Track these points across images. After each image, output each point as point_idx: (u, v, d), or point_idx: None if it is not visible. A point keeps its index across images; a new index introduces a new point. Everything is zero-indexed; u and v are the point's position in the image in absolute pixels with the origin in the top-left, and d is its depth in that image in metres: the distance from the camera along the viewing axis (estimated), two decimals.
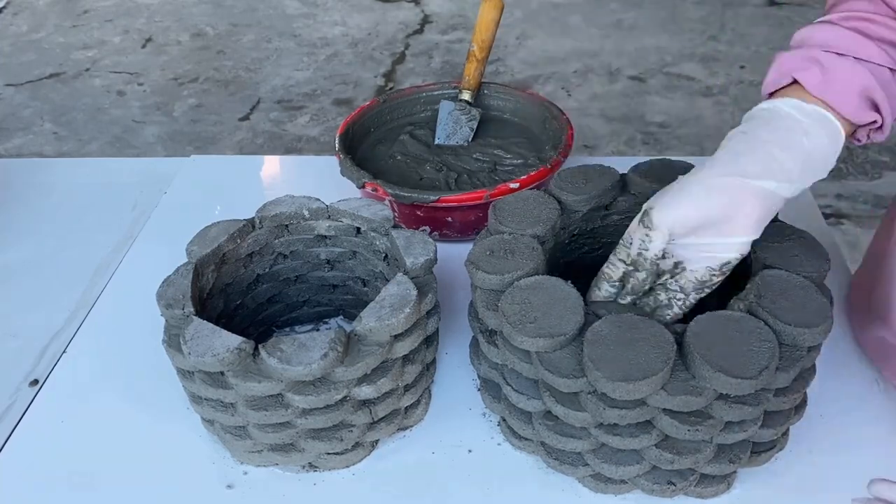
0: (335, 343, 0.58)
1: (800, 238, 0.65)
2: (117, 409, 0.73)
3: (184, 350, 0.59)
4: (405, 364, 0.65)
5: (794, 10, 3.29)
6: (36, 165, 1.23)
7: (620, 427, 0.58)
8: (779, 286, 0.59)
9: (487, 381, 0.69)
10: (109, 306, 0.87)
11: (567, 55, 2.99)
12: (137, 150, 2.58)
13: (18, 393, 0.76)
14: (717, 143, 0.60)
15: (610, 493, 0.64)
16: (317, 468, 0.67)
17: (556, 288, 0.61)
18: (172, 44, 3.24)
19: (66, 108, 2.81)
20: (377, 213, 0.73)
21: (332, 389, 0.60)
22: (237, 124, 2.69)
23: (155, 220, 1.00)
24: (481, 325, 0.66)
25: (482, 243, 0.66)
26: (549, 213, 0.69)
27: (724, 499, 0.64)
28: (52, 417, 0.73)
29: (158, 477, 0.67)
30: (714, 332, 0.56)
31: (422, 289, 0.64)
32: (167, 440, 0.70)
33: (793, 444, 0.66)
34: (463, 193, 0.86)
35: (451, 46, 3.11)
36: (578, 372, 0.56)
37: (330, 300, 0.81)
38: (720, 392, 0.55)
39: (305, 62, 3.06)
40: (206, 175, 1.09)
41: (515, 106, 1.06)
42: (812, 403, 0.65)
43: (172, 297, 0.63)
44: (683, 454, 0.58)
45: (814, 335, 0.56)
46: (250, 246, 0.73)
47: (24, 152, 2.57)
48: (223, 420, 0.63)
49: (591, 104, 2.71)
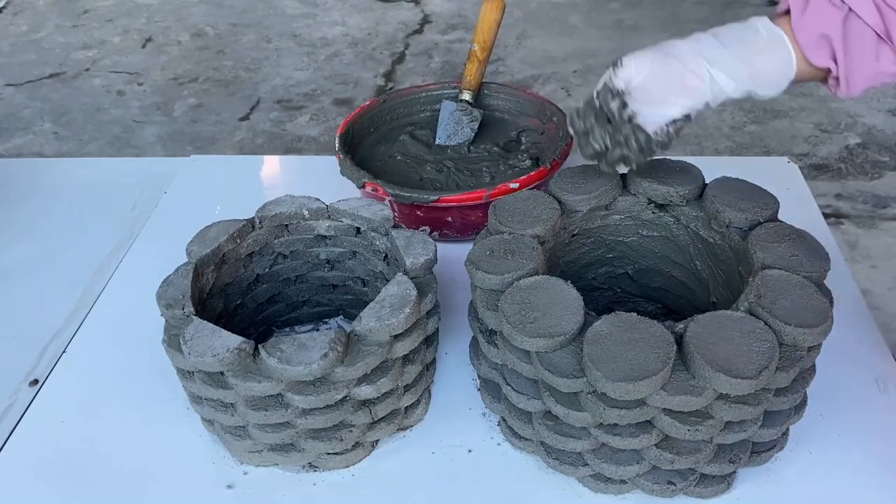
0: (335, 343, 0.58)
1: (800, 238, 0.65)
2: (117, 409, 0.73)
3: (184, 350, 0.59)
4: (405, 364, 0.65)
5: None
6: (36, 165, 1.23)
7: (620, 427, 0.58)
8: (779, 286, 0.59)
9: (487, 381, 0.69)
10: (109, 306, 0.87)
11: (567, 55, 2.99)
12: (137, 150, 2.58)
13: (18, 393, 0.76)
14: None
15: (610, 493, 0.64)
16: (317, 468, 0.67)
17: (556, 288, 0.61)
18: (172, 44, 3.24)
19: (66, 108, 2.81)
20: (377, 213, 0.73)
21: (332, 389, 0.60)
22: (237, 124, 2.69)
23: (155, 220, 1.00)
24: (481, 325, 0.66)
25: (482, 243, 0.66)
26: (549, 213, 0.69)
27: (724, 499, 0.64)
28: (52, 417, 0.73)
29: (158, 477, 0.67)
30: (714, 332, 0.56)
31: (422, 289, 0.64)
32: (167, 440, 0.70)
33: (793, 444, 0.66)
34: (463, 193, 0.86)
35: (451, 46, 3.11)
36: (578, 372, 0.56)
37: (330, 300, 0.81)
38: (720, 392, 0.55)
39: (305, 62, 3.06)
40: (206, 175, 1.10)
41: (515, 106, 1.06)
42: (812, 403, 0.65)
43: (172, 297, 0.63)
44: (683, 454, 0.58)
45: (814, 335, 0.56)
46: (250, 246, 0.73)
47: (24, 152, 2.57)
48: (223, 420, 0.63)
49: None
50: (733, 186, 0.70)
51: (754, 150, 2.40)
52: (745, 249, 0.66)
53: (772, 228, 0.66)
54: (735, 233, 0.68)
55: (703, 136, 2.49)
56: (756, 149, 2.41)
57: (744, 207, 0.67)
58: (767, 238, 0.64)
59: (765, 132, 2.50)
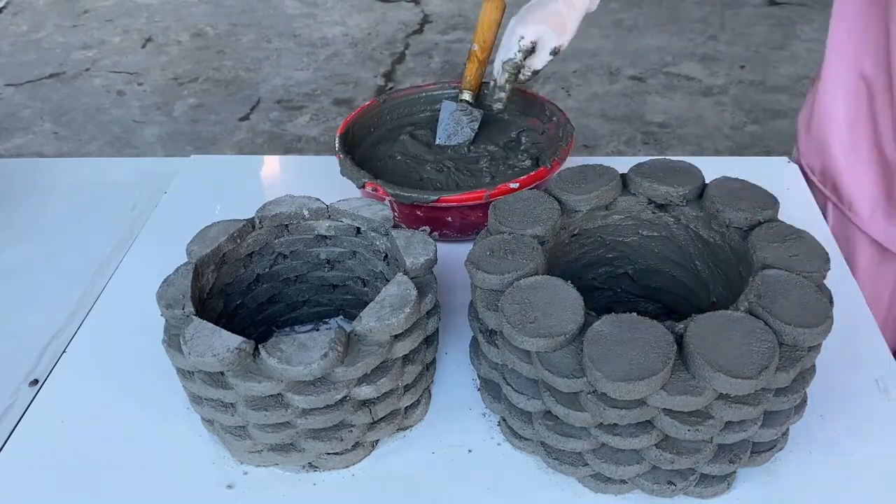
0: (335, 343, 0.58)
1: (800, 238, 0.65)
2: (117, 409, 0.73)
3: (184, 350, 0.59)
4: (405, 364, 0.65)
5: (794, 10, 3.30)
6: (36, 165, 1.23)
7: (620, 427, 0.58)
8: (779, 286, 0.59)
9: (487, 381, 0.69)
10: (109, 306, 0.87)
11: (567, 55, 2.98)
12: (137, 150, 2.58)
13: (18, 393, 0.76)
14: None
15: (610, 493, 0.64)
16: (317, 468, 0.67)
17: (556, 288, 0.61)
18: (172, 44, 3.25)
19: (66, 108, 2.81)
20: (377, 213, 0.73)
21: (332, 389, 0.60)
22: (237, 124, 2.70)
23: (155, 220, 1.00)
24: (481, 325, 0.66)
25: (482, 243, 0.66)
26: (549, 213, 0.69)
27: (724, 499, 0.64)
28: (52, 417, 0.73)
29: (158, 477, 0.67)
30: (714, 332, 0.56)
31: (422, 289, 0.64)
32: (167, 440, 0.70)
33: (793, 444, 0.66)
34: (463, 193, 0.86)
35: (451, 46, 3.11)
36: (578, 372, 0.56)
37: (330, 300, 0.81)
38: (720, 392, 0.55)
39: (305, 62, 3.07)
40: (206, 175, 1.10)
41: (515, 106, 1.06)
42: (812, 403, 0.65)
43: (172, 297, 0.63)
44: (683, 454, 0.58)
45: (814, 335, 0.56)
46: (250, 246, 0.73)
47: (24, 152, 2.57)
48: (223, 420, 0.63)
49: (591, 104, 2.71)
50: (733, 186, 0.70)
51: (754, 150, 2.40)
52: (745, 249, 0.66)
53: (772, 228, 0.66)
54: (735, 233, 0.68)
55: (703, 136, 2.49)
56: (756, 149, 2.41)
57: (744, 207, 0.67)
58: (767, 238, 0.64)
59: (765, 132, 2.50)
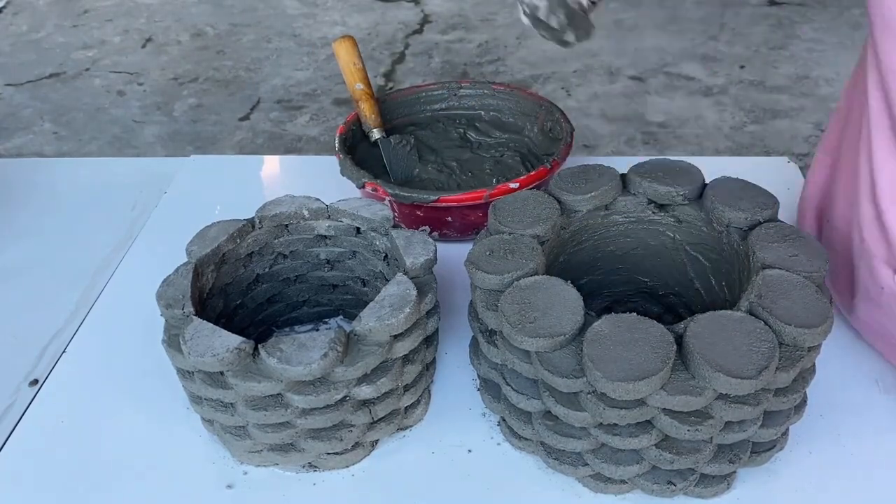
0: (335, 343, 0.58)
1: (800, 238, 0.65)
2: (117, 409, 0.73)
3: (184, 350, 0.59)
4: (405, 364, 0.65)
5: (794, 10, 3.30)
6: (36, 165, 1.23)
7: (620, 427, 0.58)
8: (779, 286, 0.59)
9: (487, 381, 0.69)
10: (109, 306, 0.87)
11: (567, 55, 2.99)
12: (137, 150, 2.58)
13: (18, 393, 0.76)
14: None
15: (610, 493, 0.64)
16: (317, 468, 0.67)
17: (555, 288, 0.61)
18: (172, 44, 3.25)
19: (66, 108, 2.81)
20: (377, 212, 0.73)
21: (332, 389, 0.60)
22: (237, 124, 2.69)
23: (155, 220, 1.00)
24: (481, 325, 0.66)
25: (482, 243, 0.66)
26: (549, 212, 0.69)
27: (724, 499, 0.64)
28: (52, 417, 0.73)
29: (158, 477, 0.67)
30: (714, 332, 0.56)
31: (422, 289, 0.64)
32: (167, 440, 0.70)
33: (793, 444, 0.66)
34: (463, 193, 0.86)
35: (451, 46, 3.11)
36: (578, 372, 0.56)
37: (330, 300, 0.81)
38: (720, 392, 0.55)
39: (305, 62, 3.07)
40: (206, 175, 1.10)
41: (515, 106, 1.06)
42: (812, 403, 0.65)
43: (172, 297, 0.63)
44: (683, 454, 0.58)
45: (814, 335, 0.56)
46: (250, 246, 0.73)
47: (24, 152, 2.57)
48: (223, 420, 0.63)
49: (591, 104, 2.71)
50: (733, 186, 0.70)
51: (754, 150, 2.40)
52: (745, 249, 0.66)
53: (772, 228, 0.66)
54: (735, 233, 0.68)
55: (703, 136, 2.49)
56: (756, 149, 2.41)
57: (744, 207, 0.67)
58: (767, 238, 0.64)
59: (765, 132, 2.50)
